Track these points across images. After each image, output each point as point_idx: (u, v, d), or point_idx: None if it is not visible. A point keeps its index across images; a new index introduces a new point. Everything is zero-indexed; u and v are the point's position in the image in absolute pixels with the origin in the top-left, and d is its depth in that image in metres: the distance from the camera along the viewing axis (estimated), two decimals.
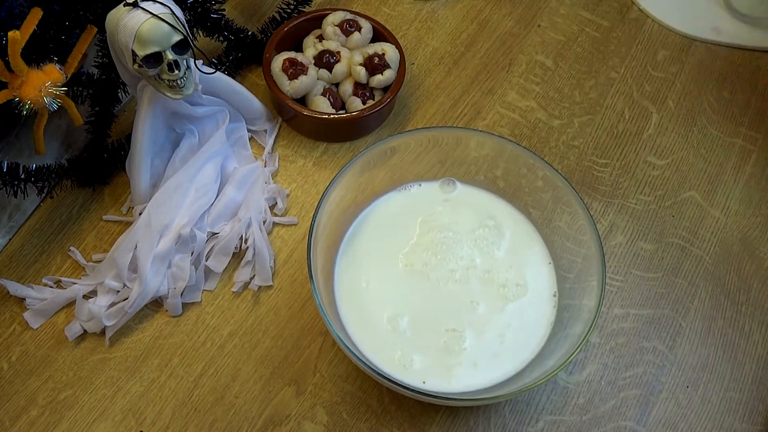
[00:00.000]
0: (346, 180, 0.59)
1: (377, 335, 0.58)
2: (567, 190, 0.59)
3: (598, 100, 0.76)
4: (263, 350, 0.61)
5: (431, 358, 0.57)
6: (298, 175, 0.71)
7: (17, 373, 0.60)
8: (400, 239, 0.62)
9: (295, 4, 0.76)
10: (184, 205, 0.63)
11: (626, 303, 0.65)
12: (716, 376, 0.62)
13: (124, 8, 0.55)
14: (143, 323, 0.62)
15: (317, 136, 0.73)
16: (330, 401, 0.59)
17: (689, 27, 0.82)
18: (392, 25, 0.80)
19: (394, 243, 0.62)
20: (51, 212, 0.68)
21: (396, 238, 0.62)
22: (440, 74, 0.78)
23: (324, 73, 0.71)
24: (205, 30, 0.71)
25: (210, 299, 0.64)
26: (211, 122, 0.68)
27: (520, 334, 0.58)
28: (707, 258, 0.67)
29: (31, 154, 0.67)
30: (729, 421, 0.60)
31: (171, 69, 0.57)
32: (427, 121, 0.75)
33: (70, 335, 0.61)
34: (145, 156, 0.63)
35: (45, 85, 0.57)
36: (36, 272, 0.65)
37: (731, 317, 0.64)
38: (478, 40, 0.81)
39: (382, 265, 0.61)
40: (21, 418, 0.58)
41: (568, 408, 0.60)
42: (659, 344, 0.63)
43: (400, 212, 0.63)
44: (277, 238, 0.67)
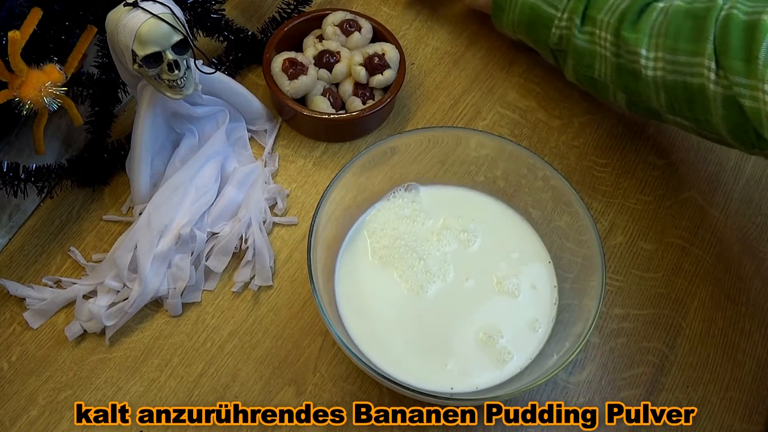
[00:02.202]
0: (346, 180, 0.59)
1: (377, 335, 0.58)
2: (567, 190, 0.59)
3: (598, 100, 0.76)
4: (263, 350, 0.61)
5: (431, 358, 0.57)
6: (298, 175, 0.71)
7: (17, 373, 0.60)
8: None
9: (295, 4, 0.76)
10: (184, 205, 0.63)
11: (626, 303, 0.65)
12: (716, 376, 0.61)
13: (124, 8, 0.55)
14: (143, 323, 0.62)
15: (317, 136, 0.73)
16: (330, 401, 0.59)
17: None
18: (392, 25, 0.80)
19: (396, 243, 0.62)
20: (51, 212, 0.68)
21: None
22: (440, 74, 0.78)
23: (324, 73, 0.71)
24: (205, 30, 0.71)
25: (210, 299, 0.64)
26: (211, 122, 0.68)
27: (520, 334, 0.58)
28: (707, 258, 0.67)
29: (31, 154, 0.67)
30: (729, 421, 0.60)
31: (171, 69, 0.57)
32: (427, 121, 0.75)
33: (70, 335, 0.61)
34: (145, 156, 0.63)
35: (45, 85, 0.57)
36: (36, 272, 0.65)
37: (731, 317, 0.64)
38: (478, 39, 0.81)
39: (382, 264, 0.61)
40: (21, 418, 0.58)
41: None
42: (659, 344, 0.63)
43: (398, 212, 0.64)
44: (277, 238, 0.67)
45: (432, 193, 0.65)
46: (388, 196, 0.64)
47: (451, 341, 0.57)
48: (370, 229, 0.63)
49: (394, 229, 0.63)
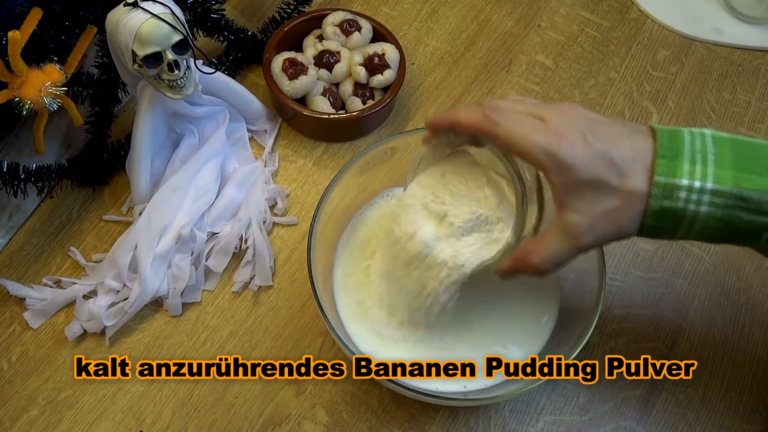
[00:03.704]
0: (346, 180, 0.59)
1: (377, 335, 0.58)
2: None
3: (598, 100, 0.76)
4: (263, 350, 0.61)
5: (431, 357, 0.57)
6: (298, 175, 0.71)
7: (17, 373, 0.60)
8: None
9: (295, 4, 0.76)
10: (184, 205, 0.63)
11: (626, 303, 0.65)
12: (716, 376, 0.61)
13: (124, 8, 0.55)
14: (143, 323, 0.62)
15: (317, 136, 0.73)
16: (330, 401, 0.59)
17: (689, 27, 0.82)
18: (392, 25, 0.80)
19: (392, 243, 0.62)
20: (51, 212, 0.68)
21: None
22: (440, 74, 0.78)
23: (324, 73, 0.71)
24: (205, 30, 0.71)
25: (210, 299, 0.64)
26: (211, 122, 0.68)
27: (520, 334, 0.58)
28: (707, 258, 0.67)
29: (31, 154, 0.67)
30: (729, 421, 0.60)
31: (171, 69, 0.57)
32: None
33: (70, 335, 0.61)
34: (145, 156, 0.63)
35: (45, 85, 0.57)
36: (36, 272, 0.65)
37: (731, 317, 0.64)
38: (478, 40, 0.81)
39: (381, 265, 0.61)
40: (21, 418, 0.58)
41: (568, 408, 0.60)
42: (659, 344, 0.63)
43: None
44: (277, 238, 0.67)
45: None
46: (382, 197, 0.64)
47: (452, 341, 0.57)
48: (370, 228, 0.63)
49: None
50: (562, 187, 0.45)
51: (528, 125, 0.46)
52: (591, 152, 0.44)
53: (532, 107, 0.47)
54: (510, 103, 0.48)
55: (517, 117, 0.46)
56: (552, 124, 0.45)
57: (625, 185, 0.44)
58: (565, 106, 0.46)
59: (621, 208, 0.44)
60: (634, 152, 0.44)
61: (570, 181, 0.44)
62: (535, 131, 0.45)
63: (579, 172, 0.44)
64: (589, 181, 0.44)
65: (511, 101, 0.48)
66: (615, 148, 0.44)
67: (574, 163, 0.44)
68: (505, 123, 0.46)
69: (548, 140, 0.44)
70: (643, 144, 0.44)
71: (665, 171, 0.43)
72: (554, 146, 0.44)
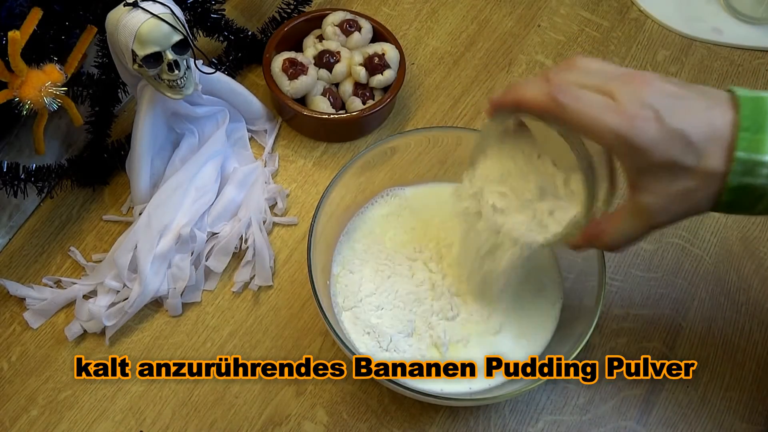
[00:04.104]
0: (346, 180, 0.59)
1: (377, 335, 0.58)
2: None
3: None
4: (263, 350, 0.61)
5: (431, 357, 0.57)
6: (298, 175, 0.71)
7: (17, 373, 0.60)
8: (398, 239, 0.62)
9: (295, 4, 0.76)
10: (184, 205, 0.63)
11: (626, 303, 0.65)
12: (716, 375, 0.61)
13: (124, 8, 0.55)
14: (143, 323, 0.62)
15: (317, 136, 0.73)
16: (330, 401, 0.59)
17: (689, 27, 0.82)
18: (392, 25, 0.80)
19: (392, 243, 0.62)
20: (51, 212, 0.68)
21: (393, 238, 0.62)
22: (440, 74, 0.78)
23: (324, 73, 0.71)
24: (205, 30, 0.71)
25: (210, 299, 0.64)
26: (211, 122, 0.68)
27: (520, 334, 0.58)
28: (707, 258, 0.67)
29: (31, 154, 0.67)
30: (729, 421, 0.60)
31: (171, 69, 0.57)
32: (427, 121, 0.75)
33: (70, 335, 0.61)
34: (145, 156, 0.63)
35: (45, 85, 0.57)
36: (36, 272, 0.65)
37: (731, 317, 0.64)
38: (478, 40, 0.81)
39: (381, 264, 0.61)
40: (21, 418, 0.58)
41: (568, 408, 0.60)
42: (659, 344, 0.63)
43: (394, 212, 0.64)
44: (277, 238, 0.67)
45: (432, 192, 0.65)
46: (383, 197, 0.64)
47: (452, 341, 0.57)
48: (370, 228, 0.63)
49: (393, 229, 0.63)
50: (635, 169, 0.43)
51: (597, 105, 0.42)
52: (665, 133, 0.41)
53: (601, 80, 0.43)
54: (578, 75, 0.44)
55: (585, 97, 0.43)
56: (623, 103, 0.42)
57: (702, 165, 0.42)
58: (638, 80, 0.43)
59: (697, 187, 0.42)
60: (713, 129, 0.42)
61: (643, 163, 0.42)
62: (604, 111, 0.42)
63: (652, 154, 0.42)
64: (663, 163, 0.42)
65: (580, 72, 0.45)
66: (691, 126, 0.41)
67: (647, 145, 0.41)
68: (573, 105, 0.43)
69: (619, 121, 0.41)
70: (722, 119, 0.42)
71: (747, 146, 0.41)
72: (625, 128, 0.41)
